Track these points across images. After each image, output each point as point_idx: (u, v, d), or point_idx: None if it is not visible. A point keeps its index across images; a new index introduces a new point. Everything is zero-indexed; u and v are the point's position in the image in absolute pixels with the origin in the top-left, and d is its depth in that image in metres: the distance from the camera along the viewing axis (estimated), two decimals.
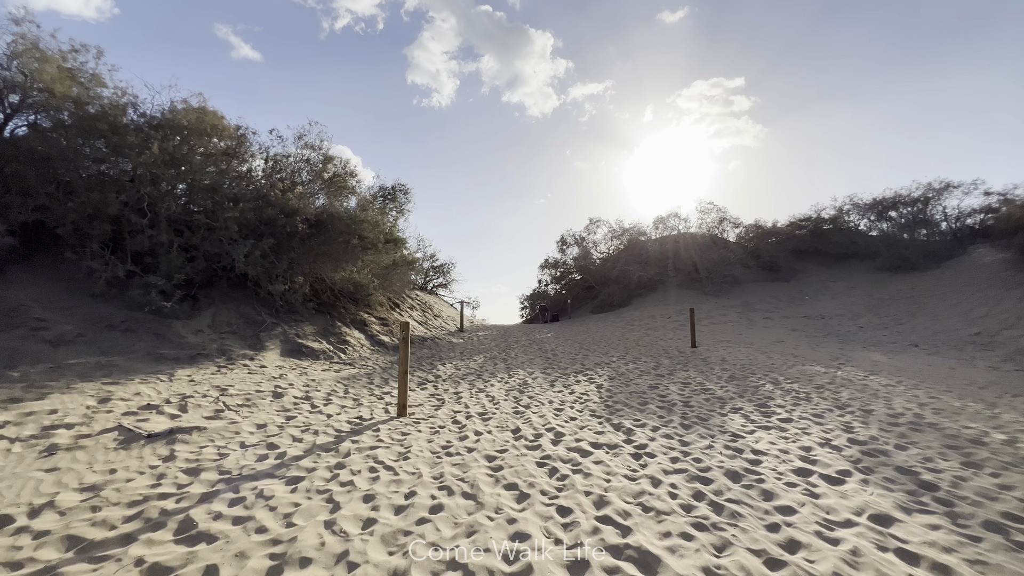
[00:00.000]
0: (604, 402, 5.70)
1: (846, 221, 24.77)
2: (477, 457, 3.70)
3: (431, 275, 23.21)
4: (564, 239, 23.95)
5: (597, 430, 4.49)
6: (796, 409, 5.30)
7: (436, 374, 7.49)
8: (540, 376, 7.56)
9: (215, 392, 5.06)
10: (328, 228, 8.71)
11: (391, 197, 11.43)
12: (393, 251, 10.35)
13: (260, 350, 6.98)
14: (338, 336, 8.50)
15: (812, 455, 3.76)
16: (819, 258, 22.61)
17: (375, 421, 4.65)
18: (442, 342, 11.39)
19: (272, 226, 8.11)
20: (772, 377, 7.24)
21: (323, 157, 10.55)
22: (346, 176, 11.12)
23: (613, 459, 3.69)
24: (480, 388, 6.53)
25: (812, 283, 20.29)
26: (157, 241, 7.20)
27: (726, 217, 23.47)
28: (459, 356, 9.73)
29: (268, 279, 7.90)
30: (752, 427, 4.59)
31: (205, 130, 8.86)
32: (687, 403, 5.61)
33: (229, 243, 7.56)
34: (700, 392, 6.22)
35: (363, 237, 8.82)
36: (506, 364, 8.79)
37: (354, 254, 8.76)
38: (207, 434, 3.92)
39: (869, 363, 9.13)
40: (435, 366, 8.25)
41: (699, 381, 6.95)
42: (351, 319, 9.40)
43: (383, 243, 9.77)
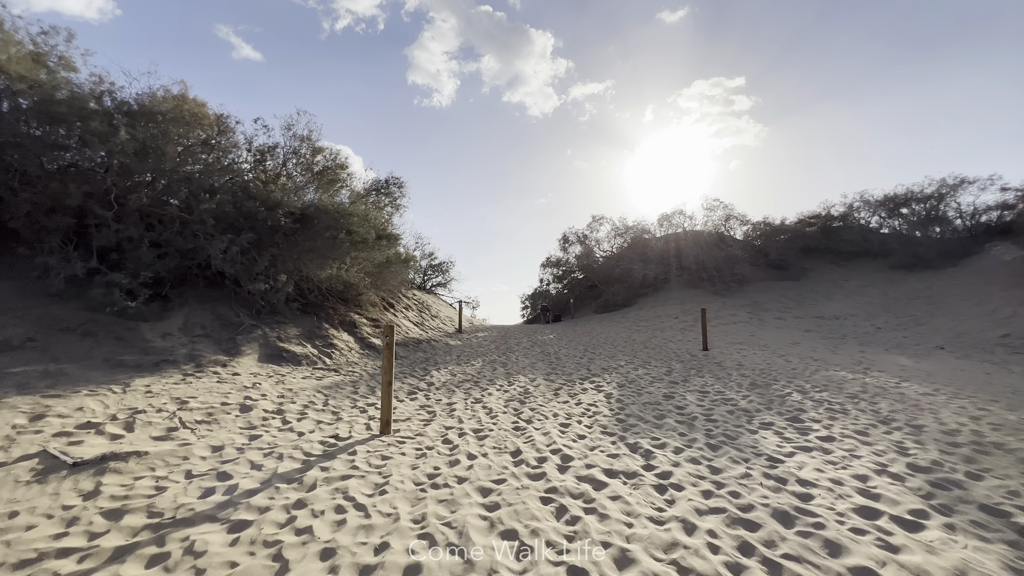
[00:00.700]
0: (615, 415, 5.07)
1: (856, 218, 24.10)
2: (469, 490, 3.07)
3: (429, 274, 22.59)
4: (566, 237, 23.31)
5: (610, 452, 3.86)
6: (834, 424, 4.66)
7: (429, 381, 6.87)
8: (543, 383, 6.93)
9: (173, 405, 4.44)
10: (314, 222, 8.09)
11: (384, 191, 10.81)
12: (386, 248, 9.72)
13: (235, 355, 6.36)
14: (324, 339, 7.87)
15: (871, 487, 3.13)
16: (829, 256, 21.93)
17: (353, 440, 4.03)
18: (438, 344, 10.76)
19: (252, 220, 7.49)
20: (798, 385, 6.60)
21: (312, 148, 9.93)
22: (336, 168, 10.50)
23: (633, 492, 3.06)
24: (476, 398, 5.90)
25: (823, 282, 19.63)
26: (124, 236, 6.58)
27: (733, 214, 22.82)
28: (455, 360, 9.10)
29: (248, 277, 7.28)
30: (790, 448, 3.95)
31: (183, 118, 8.24)
32: (709, 417, 4.97)
33: (204, 238, 6.94)
34: (721, 403, 5.58)
35: (352, 232, 8.20)
36: (506, 369, 8.16)
37: (342, 250, 8.14)
38: (148, 460, 3.29)
39: (896, 368, 8.48)
40: (428, 372, 7.62)
41: (718, 390, 6.32)
42: (340, 320, 8.78)
43: (375, 239, 9.15)
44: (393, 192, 11.02)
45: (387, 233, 9.51)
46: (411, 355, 9.08)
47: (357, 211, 8.47)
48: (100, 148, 6.64)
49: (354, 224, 8.30)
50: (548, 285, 23.69)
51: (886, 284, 18.19)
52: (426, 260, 22.39)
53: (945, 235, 21.24)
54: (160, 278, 6.88)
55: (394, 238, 9.75)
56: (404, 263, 10.75)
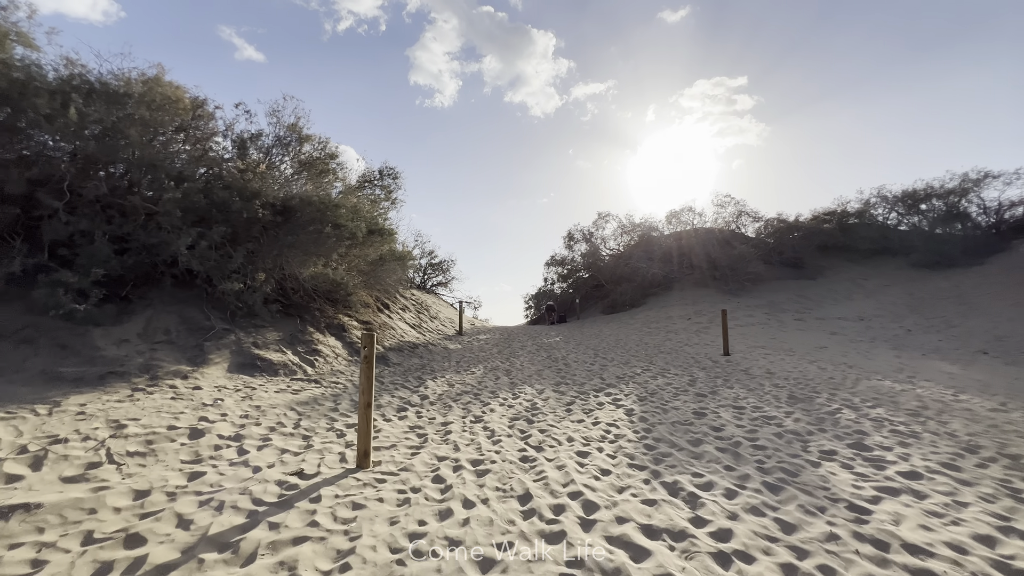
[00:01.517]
0: (642, 440, 4.25)
1: (873, 215, 23.18)
2: (463, 562, 2.26)
3: (429, 273, 21.79)
4: (571, 234, 22.48)
5: (645, 495, 3.04)
6: (910, 452, 3.83)
7: (423, 394, 6.05)
8: (552, 396, 6.11)
9: (105, 431, 3.64)
10: (297, 215, 7.29)
11: (377, 182, 10.01)
12: (379, 244, 8.92)
13: (200, 364, 5.56)
14: (308, 344, 7.07)
15: (1008, 557, 2.30)
16: (846, 254, 21.02)
17: (320, 479, 3.22)
18: (436, 348, 9.96)
19: (226, 212, 6.69)
20: (844, 398, 5.76)
21: (298, 136, 9.14)
22: (326, 159, 9.70)
23: (685, 566, 2.24)
24: (476, 416, 5.09)
25: (841, 281, 18.73)
26: (77, 229, 5.79)
27: (745, 211, 21.94)
28: (454, 367, 8.29)
29: (220, 276, 6.48)
30: (870, 489, 3.12)
31: (154, 101, 7.45)
32: (755, 442, 4.14)
33: (170, 232, 6.15)
34: (763, 422, 4.75)
35: (339, 226, 7.39)
36: (510, 378, 7.35)
37: (327, 246, 7.33)
38: (41, 515, 2.50)
39: (943, 376, 7.63)
40: (423, 382, 6.81)
41: (754, 405, 5.48)
42: (327, 323, 7.97)
43: (366, 234, 8.34)
44: (387, 184, 10.21)
45: (380, 228, 8.71)
46: (406, 361, 8.27)
47: (345, 203, 7.66)
48: (49, 130, 5.86)
49: (341, 217, 7.50)
50: (553, 284, 22.87)
51: (909, 283, 17.28)
52: (426, 258, 21.60)
53: (967, 232, 20.29)
54: (120, 277, 6.09)
55: (388, 233, 8.95)
56: (400, 261, 9.95)
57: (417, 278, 21.83)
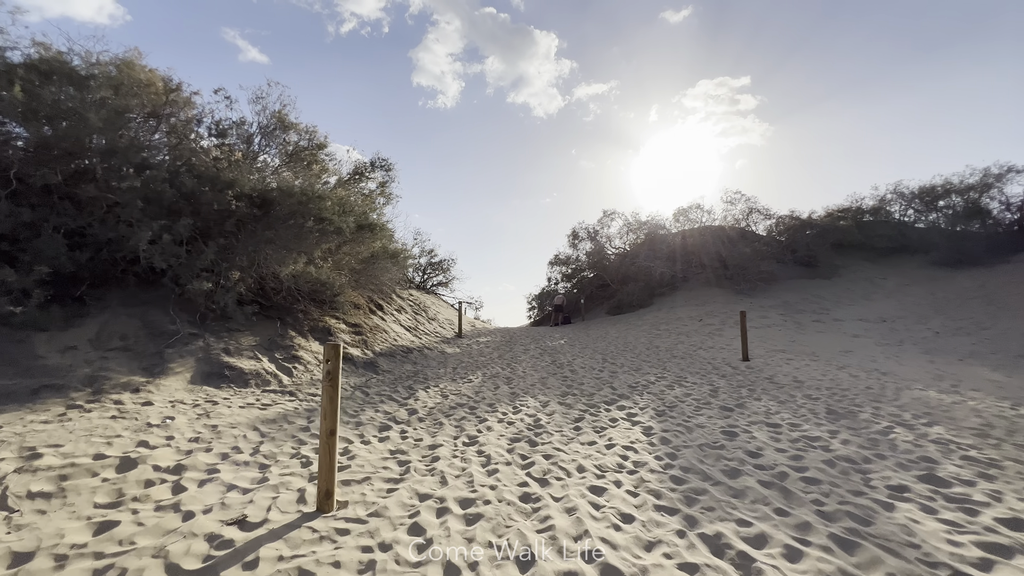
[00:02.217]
0: (667, 469, 3.54)
1: (889, 212, 22.36)
2: None
3: (429, 272, 21.11)
4: (576, 232, 21.76)
5: (682, 557, 2.34)
6: (999, 489, 3.11)
7: (411, 407, 5.36)
8: (558, 409, 5.41)
9: (12, 462, 2.97)
10: (276, 208, 6.62)
11: (368, 175, 9.33)
12: (370, 240, 8.25)
13: (158, 375, 4.89)
14: (287, 351, 6.40)
15: None
16: (862, 252, 20.21)
17: (265, 531, 2.54)
18: (432, 353, 9.27)
19: (196, 203, 6.03)
20: (891, 413, 5.04)
21: (282, 124, 8.48)
22: (313, 148, 9.04)
23: None
24: (470, 436, 4.39)
25: (858, 280, 17.94)
26: (20, 220, 5.14)
27: (756, 207, 21.17)
28: (450, 374, 7.60)
29: (189, 274, 5.82)
30: (972, 546, 2.41)
31: (122, 84, 6.81)
32: (803, 472, 3.43)
33: (130, 225, 5.49)
34: (807, 445, 4.04)
35: (323, 220, 6.72)
36: (510, 387, 6.65)
37: (309, 241, 6.66)
38: None
39: (989, 385, 6.89)
40: (414, 392, 6.12)
41: (791, 422, 4.77)
42: (311, 327, 7.30)
43: (355, 229, 7.67)
44: (379, 176, 9.54)
45: (371, 223, 8.03)
46: (397, 368, 7.59)
47: (330, 195, 6.98)
48: None
49: (326, 210, 6.83)
50: (556, 284, 22.15)
51: (930, 282, 16.49)
52: (425, 257, 20.94)
53: (987, 229, 19.44)
54: (74, 275, 5.44)
55: (380, 229, 8.27)
56: (394, 259, 9.27)
57: (416, 277, 21.19)
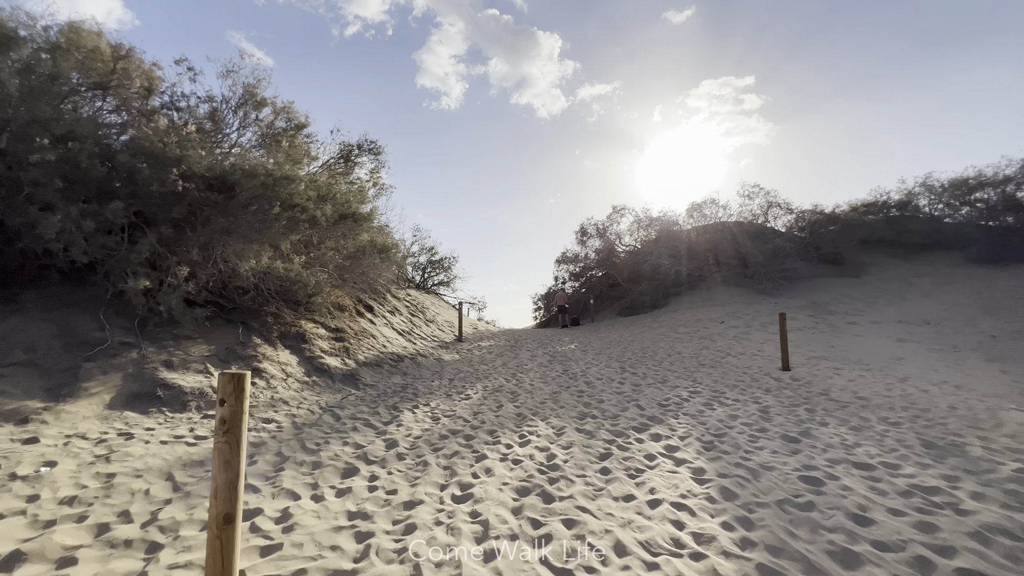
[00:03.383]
0: (747, 550, 2.40)
1: (918, 206, 21.03)
2: None
3: (429, 271, 20.04)
4: (584, 229, 20.60)
5: None
6: None
7: (391, 437, 4.25)
8: (576, 439, 4.28)
9: None
10: (237, 192, 5.55)
11: (354, 158, 8.25)
12: (354, 231, 7.16)
13: (65, 398, 3.82)
14: (247, 362, 5.32)
15: None
16: (890, 249, 18.89)
17: None
18: (427, 361, 8.17)
19: (135, 184, 4.97)
20: (1011, 449, 3.87)
21: (253, 100, 7.41)
22: (292, 129, 7.98)
23: None
24: (463, 485, 3.28)
25: (889, 279, 16.66)
26: None
27: (776, 202, 19.90)
28: (445, 388, 6.49)
29: (122, 270, 4.76)
30: None
31: (58, 47, 5.77)
32: (950, 557, 2.29)
33: (43, 208, 4.43)
34: (929, 503, 2.89)
35: (293, 206, 5.64)
36: (515, 405, 5.53)
37: (273, 231, 5.58)
38: None
39: None
40: (398, 414, 5.01)
41: (884, 460, 3.61)
42: (281, 333, 6.22)
43: (335, 219, 6.59)
44: (367, 161, 8.45)
45: (353, 212, 6.94)
46: (383, 381, 6.49)
47: (301, 177, 5.90)
48: None
49: (297, 195, 5.74)
50: (564, 283, 21.01)
51: (971, 280, 15.20)
52: (425, 255, 19.87)
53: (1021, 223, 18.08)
54: None
55: (364, 218, 7.18)
56: (383, 253, 8.17)
57: (416, 276, 20.14)
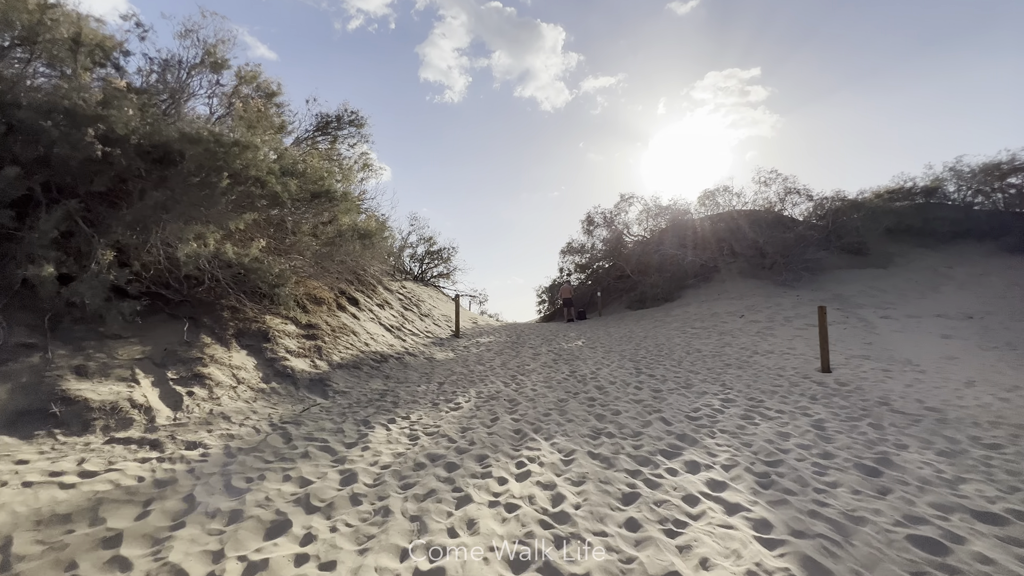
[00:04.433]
0: None
1: (946, 192, 19.81)
2: None
3: (427, 262, 19.07)
4: (591, 218, 19.55)
5: None
6: None
7: (350, 467, 3.29)
8: (590, 468, 3.31)
9: None
10: (177, 161, 4.58)
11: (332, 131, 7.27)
12: (328, 209, 6.20)
13: None
14: (189, 366, 4.39)
15: None
16: (917, 238, 17.72)
17: None
18: (416, 361, 7.23)
19: (39, 145, 4.01)
20: None
21: (213, 61, 6.43)
22: (260, 97, 6.99)
23: None
24: (435, 551, 2.33)
25: (919, 270, 15.53)
26: None
27: (794, 188, 18.75)
28: (432, 394, 5.55)
29: (24, 252, 3.82)
30: None
31: None
32: None
33: None
34: None
35: (247, 179, 4.67)
36: (514, 417, 4.57)
37: (220, 207, 4.61)
38: None
39: None
40: (367, 432, 4.06)
41: (1011, 506, 2.63)
42: (239, 330, 5.28)
43: (303, 196, 5.63)
44: (347, 135, 7.45)
45: (328, 191, 5.97)
46: (359, 387, 5.55)
47: (258, 144, 4.91)
48: None
49: (253, 165, 4.77)
50: (569, 275, 20.00)
51: (1009, 271, 14.07)
52: (423, 245, 18.90)
53: None
54: None
55: (342, 199, 6.21)
56: (365, 239, 7.20)
57: (414, 268, 19.19)
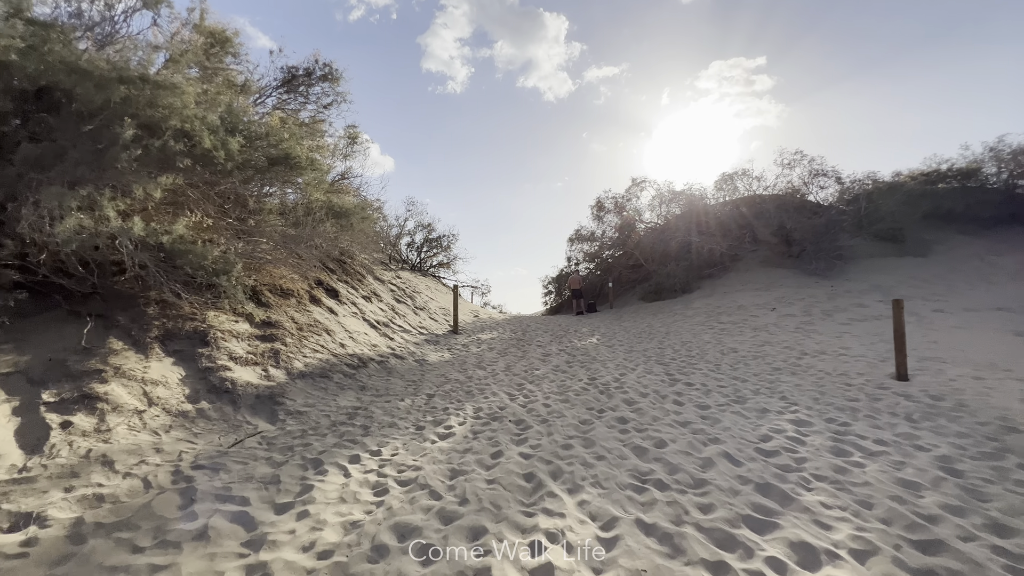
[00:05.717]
0: None
1: (986, 175, 18.31)
2: None
3: (426, 250, 17.85)
4: (601, 203, 18.21)
5: None
6: None
7: (265, 559, 2.12)
8: (647, 563, 2.12)
9: None
10: (60, 99, 3.38)
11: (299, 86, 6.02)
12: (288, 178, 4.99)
13: None
14: (77, 383, 3.22)
15: None
16: (957, 224, 16.30)
17: None
18: (403, 365, 6.05)
19: None
20: None
21: None
22: (211, 44, 5.74)
23: None
24: None
25: (962, 258, 14.17)
26: None
27: (822, 170, 17.32)
28: (416, 413, 4.36)
29: None
30: None
31: None
32: None
33: None
34: None
35: (167, 130, 3.46)
36: (523, 457, 3.36)
37: (119, 166, 3.41)
38: None
39: None
40: (308, 488, 2.88)
41: None
42: (166, 331, 4.10)
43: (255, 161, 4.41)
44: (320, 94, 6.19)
45: (289, 155, 4.75)
46: (322, 404, 4.36)
47: (185, 86, 3.68)
48: None
49: (175, 113, 3.55)
50: (578, 265, 18.74)
51: None
52: (421, 232, 17.68)
53: None
54: None
55: (308, 168, 4.98)
56: (341, 219, 5.98)
57: (412, 256, 17.96)
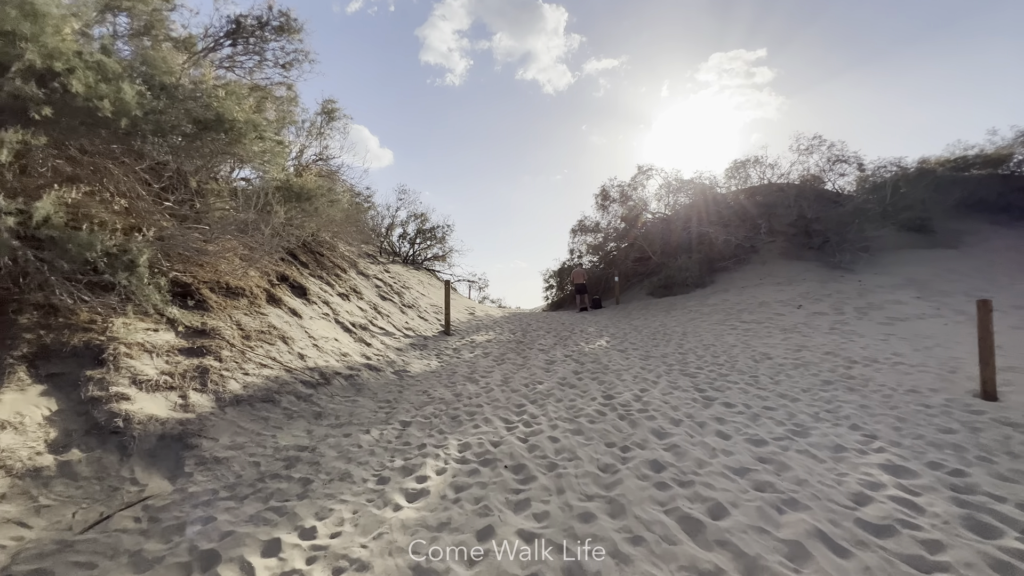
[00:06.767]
0: None
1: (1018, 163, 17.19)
2: None
3: (419, 242, 16.74)
4: (606, 192, 17.10)
5: None
6: None
7: None
8: None
9: None
10: None
11: (256, 35, 4.93)
12: (225, 147, 3.93)
13: None
14: None
15: None
16: (988, 214, 15.23)
17: None
18: (377, 381, 5.02)
19: None
20: None
21: None
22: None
23: None
24: None
25: (995, 250, 13.11)
26: None
27: (842, 156, 16.18)
28: (380, 460, 3.33)
29: None
30: None
31: None
32: None
33: None
34: None
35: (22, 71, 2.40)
36: (522, 532, 2.35)
37: None
38: None
39: None
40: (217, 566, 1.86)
41: None
42: (42, 347, 3.06)
43: (174, 121, 3.35)
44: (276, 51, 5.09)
45: (220, 117, 3.67)
46: (254, 445, 3.33)
47: (39, 7, 2.62)
48: None
49: (31, 37, 2.47)
50: (581, 258, 17.67)
51: None
52: (414, 223, 16.58)
53: None
54: None
55: (246, 131, 3.91)
56: (303, 201, 4.93)
57: (405, 248, 16.85)
